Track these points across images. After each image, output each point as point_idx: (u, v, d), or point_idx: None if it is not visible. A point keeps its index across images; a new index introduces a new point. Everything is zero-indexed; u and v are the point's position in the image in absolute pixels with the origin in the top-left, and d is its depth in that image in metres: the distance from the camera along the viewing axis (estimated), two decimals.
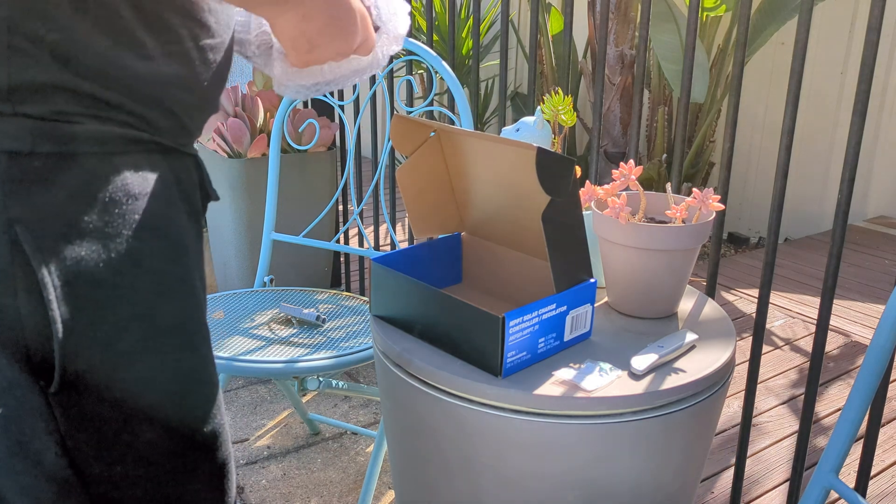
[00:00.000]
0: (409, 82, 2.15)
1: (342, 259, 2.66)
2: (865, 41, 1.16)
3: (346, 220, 2.47)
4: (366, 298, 1.65)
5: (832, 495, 1.67)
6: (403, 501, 1.12)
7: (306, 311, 1.50)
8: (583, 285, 0.99)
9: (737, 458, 1.52)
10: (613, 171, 1.12)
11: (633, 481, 0.95)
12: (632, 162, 1.09)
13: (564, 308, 0.98)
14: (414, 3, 3.85)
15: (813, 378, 1.35)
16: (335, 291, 1.70)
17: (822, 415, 2.09)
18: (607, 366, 0.96)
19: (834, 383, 2.26)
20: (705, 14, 3.18)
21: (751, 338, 1.74)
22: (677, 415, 0.94)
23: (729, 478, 1.78)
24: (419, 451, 1.02)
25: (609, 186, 1.11)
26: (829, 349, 2.46)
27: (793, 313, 2.74)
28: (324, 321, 1.50)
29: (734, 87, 1.35)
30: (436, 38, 4.00)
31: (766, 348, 2.47)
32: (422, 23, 3.93)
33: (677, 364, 0.98)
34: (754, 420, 2.03)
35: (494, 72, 4.60)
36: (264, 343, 1.41)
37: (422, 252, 1.14)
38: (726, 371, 1.02)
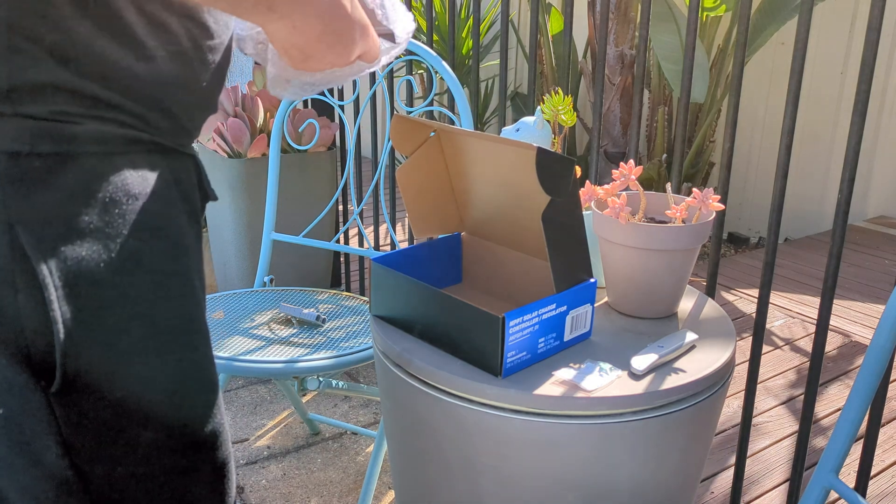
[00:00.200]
0: (409, 82, 2.15)
1: (342, 259, 2.65)
2: (865, 41, 1.16)
3: (346, 220, 2.47)
4: (366, 298, 1.65)
5: (832, 495, 1.67)
6: (403, 501, 1.12)
7: (306, 311, 1.50)
8: (583, 285, 0.99)
9: (736, 458, 1.52)
10: (613, 171, 1.12)
11: (633, 481, 0.95)
12: (632, 162, 1.09)
13: (564, 308, 0.98)
14: (414, 3, 3.85)
15: (813, 378, 1.35)
16: (335, 291, 1.70)
17: (822, 415, 2.09)
18: (607, 366, 0.96)
19: (833, 383, 2.26)
20: (705, 14, 3.18)
21: (751, 338, 1.74)
22: (677, 415, 0.94)
23: (729, 478, 1.78)
24: (419, 451, 1.02)
25: (609, 186, 1.11)
26: (829, 349, 2.46)
27: (793, 313, 2.74)
28: (324, 321, 1.50)
29: (734, 87, 1.35)
30: (436, 38, 4.00)
31: (765, 348, 2.47)
32: (422, 23, 3.92)
33: (677, 364, 0.98)
34: (754, 420, 2.03)
35: (494, 72, 4.60)
36: (264, 343, 1.41)
37: (422, 252, 1.14)
38: (726, 371, 1.02)
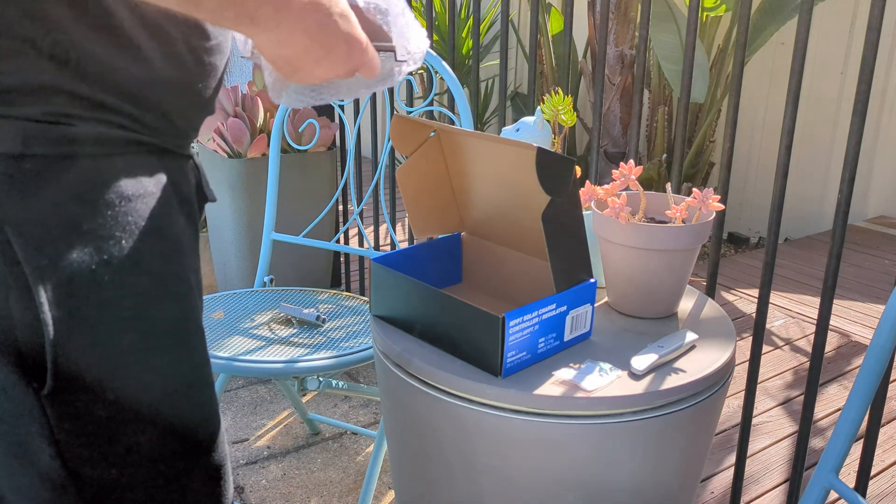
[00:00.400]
0: (409, 82, 2.15)
1: (342, 259, 2.65)
2: (865, 41, 1.16)
3: (346, 220, 2.47)
4: (366, 298, 1.65)
5: (832, 495, 1.67)
6: (403, 501, 1.12)
7: (306, 311, 1.50)
8: (583, 285, 0.99)
9: (736, 458, 1.52)
10: (613, 171, 1.12)
11: (633, 481, 0.95)
12: (632, 162, 1.09)
13: (564, 308, 0.98)
14: (414, 3, 3.85)
15: (813, 378, 1.35)
16: (335, 291, 1.70)
17: (822, 415, 2.09)
18: (607, 366, 0.96)
19: (833, 383, 2.26)
20: (705, 14, 3.18)
21: (751, 338, 1.73)
22: (677, 415, 0.94)
23: (728, 478, 1.78)
24: (419, 451, 1.02)
25: (609, 186, 1.11)
26: (829, 349, 2.46)
27: (793, 313, 2.74)
28: (324, 321, 1.50)
29: (734, 87, 1.35)
30: (436, 38, 4.00)
31: (765, 348, 2.47)
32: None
33: (677, 364, 0.98)
34: (754, 420, 2.03)
35: (494, 72, 4.60)
36: (264, 343, 1.40)
37: (422, 252, 1.14)
38: (726, 371, 1.02)
